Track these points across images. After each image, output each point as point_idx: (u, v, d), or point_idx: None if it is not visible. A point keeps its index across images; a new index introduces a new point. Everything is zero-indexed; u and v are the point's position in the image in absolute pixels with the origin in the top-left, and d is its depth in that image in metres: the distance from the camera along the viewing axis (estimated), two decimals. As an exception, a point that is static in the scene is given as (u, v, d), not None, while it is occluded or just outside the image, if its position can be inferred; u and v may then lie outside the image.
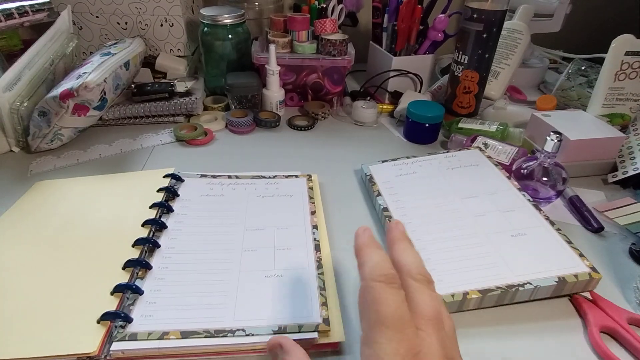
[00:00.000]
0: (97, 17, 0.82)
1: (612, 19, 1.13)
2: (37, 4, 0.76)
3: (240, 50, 0.80)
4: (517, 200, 0.52)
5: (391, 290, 0.26)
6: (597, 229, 0.53)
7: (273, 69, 0.75)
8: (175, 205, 0.52)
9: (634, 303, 0.44)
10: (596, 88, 0.71)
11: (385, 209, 0.53)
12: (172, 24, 0.83)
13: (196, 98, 0.76)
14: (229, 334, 0.37)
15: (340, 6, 0.84)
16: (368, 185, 0.59)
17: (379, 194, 0.56)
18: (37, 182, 0.58)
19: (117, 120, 0.74)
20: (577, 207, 0.57)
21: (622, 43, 0.67)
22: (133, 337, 0.36)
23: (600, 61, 0.71)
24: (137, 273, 0.43)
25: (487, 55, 0.70)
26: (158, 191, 0.54)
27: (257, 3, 0.90)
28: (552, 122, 0.64)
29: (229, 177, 0.58)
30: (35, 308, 0.39)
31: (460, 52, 0.72)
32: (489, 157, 0.60)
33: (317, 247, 0.47)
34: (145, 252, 0.45)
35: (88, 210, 0.51)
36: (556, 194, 0.56)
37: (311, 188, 0.57)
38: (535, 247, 0.45)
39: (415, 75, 0.83)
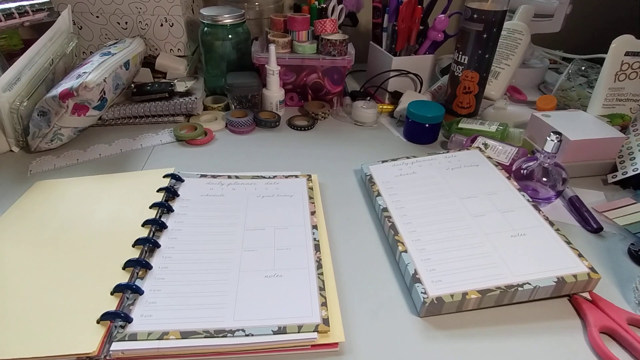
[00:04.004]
0: (97, 16, 0.82)
1: (612, 19, 1.13)
2: (37, 3, 0.76)
3: (240, 50, 0.80)
4: (517, 200, 0.52)
5: None
6: (597, 230, 0.53)
7: (273, 69, 0.75)
8: (175, 205, 0.52)
9: (634, 303, 0.44)
10: (596, 88, 0.71)
11: (385, 209, 0.53)
12: (172, 23, 0.83)
13: (196, 98, 0.76)
14: (229, 334, 0.37)
15: (341, 6, 0.84)
16: (368, 185, 0.59)
17: (379, 194, 0.56)
18: (37, 182, 0.58)
19: (117, 120, 0.74)
20: (576, 207, 0.57)
21: (622, 43, 0.67)
22: (133, 337, 0.36)
23: (601, 61, 0.71)
24: (137, 273, 0.43)
25: (487, 56, 0.70)
26: (158, 191, 0.54)
27: (257, 3, 0.90)
28: (552, 123, 0.64)
29: (229, 177, 0.58)
30: (35, 308, 0.39)
31: (460, 53, 0.72)
32: (489, 158, 0.61)
33: (317, 247, 0.47)
34: (146, 252, 0.45)
35: (88, 210, 0.51)
36: (556, 194, 0.56)
37: (311, 188, 0.57)
38: (534, 248, 0.45)
39: (415, 75, 0.83)
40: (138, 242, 0.46)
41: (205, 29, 0.77)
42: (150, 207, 0.51)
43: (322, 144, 0.71)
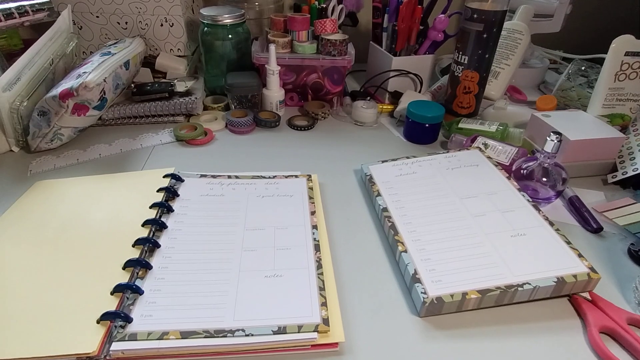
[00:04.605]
0: (97, 16, 0.82)
1: (612, 19, 1.13)
2: (37, 3, 0.76)
3: (240, 50, 0.80)
4: (517, 200, 0.52)
5: None
6: (597, 230, 0.53)
7: (273, 68, 0.75)
8: (175, 205, 0.52)
9: (634, 303, 0.44)
10: (596, 88, 0.71)
11: (385, 209, 0.53)
12: (172, 23, 0.83)
13: (196, 98, 0.76)
14: (229, 334, 0.37)
15: (341, 6, 0.84)
16: (368, 185, 0.59)
17: (379, 194, 0.56)
18: (37, 182, 0.58)
19: (117, 120, 0.74)
20: (576, 207, 0.57)
21: (622, 43, 0.67)
22: (133, 337, 0.36)
23: (601, 61, 0.71)
24: (137, 273, 0.43)
25: (487, 56, 0.70)
26: (158, 191, 0.54)
27: (257, 3, 0.90)
28: (552, 123, 0.64)
29: (229, 177, 0.58)
30: (35, 308, 0.39)
31: (460, 52, 0.72)
32: (489, 158, 0.61)
33: (317, 247, 0.47)
34: (146, 252, 0.45)
35: (88, 210, 0.51)
36: (556, 194, 0.56)
37: (311, 188, 0.57)
38: (534, 248, 0.45)
39: (415, 75, 0.83)
40: (138, 242, 0.46)
41: (205, 29, 0.77)
42: (150, 207, 0.51)
43: (322, 144, 0.71)
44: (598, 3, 1.12)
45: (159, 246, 0.46)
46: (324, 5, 0.83)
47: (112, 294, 0.40)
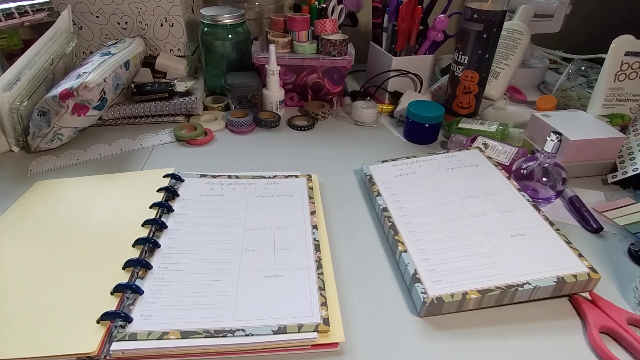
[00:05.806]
0: (97, 16, 0.82)
1: (612, 19, 1.13)
2: (37, 3, 0.76)
3: (240, 50, 0.80)
4: (517, 200, 0.52)
5: None
6: (597, 229, 0.53)
7: (273, 69, 0.75)
8: (175, 205, 0.52)
9: (634, 303, 0.44)
10: (596, 88, 0.71)
11: (385, 209, 0.53)
12: (172, 23, 0.83)
13: (196, 98, 0.76)
14: (229, 334, 0.37)
15: (341, 6, 0.84)
16: (368, 185, 0.59)
17: (379, 194, 0.56)
18: (37, 182, 0.58)
19: (117, 120, 0.74)
20: (576, 207, 0.57)
21: (622, 43, 0.67)
22: (133, 337, 0.36)
23: (600, 61, 0.71)
24: (137, 273, 0.43)
25: (487, 56, 0.70)
26: (158, 191, 0.54)
27: (257, 3, 0.90)
28: (552, 123, 0.64)
29: (229, 177, 0.58)
30: (35, 308, 0.39)
31: (460, 53, 0.72)
32: (489, 158, 0.61)
33: (317, 247, 0.47)
34: (146, 252, 0.45)
35: (88, 210, 0.51)
36: (556, 194, 0.56)
37: (311, 188, 0.57)
38: (534, 248, 0.45)
39: (415, 75, 0.83)
40: (138, 242, 0.46)
41: (205, 29, 0.78)
42: (150, 207, 0.51)
43: (322, 144, 0.72)
44: (598, 3, 1.12)
45: (159, 246, 0.46)
46: (324, 5, 0.83)
47: (112, 294, 0.40)
